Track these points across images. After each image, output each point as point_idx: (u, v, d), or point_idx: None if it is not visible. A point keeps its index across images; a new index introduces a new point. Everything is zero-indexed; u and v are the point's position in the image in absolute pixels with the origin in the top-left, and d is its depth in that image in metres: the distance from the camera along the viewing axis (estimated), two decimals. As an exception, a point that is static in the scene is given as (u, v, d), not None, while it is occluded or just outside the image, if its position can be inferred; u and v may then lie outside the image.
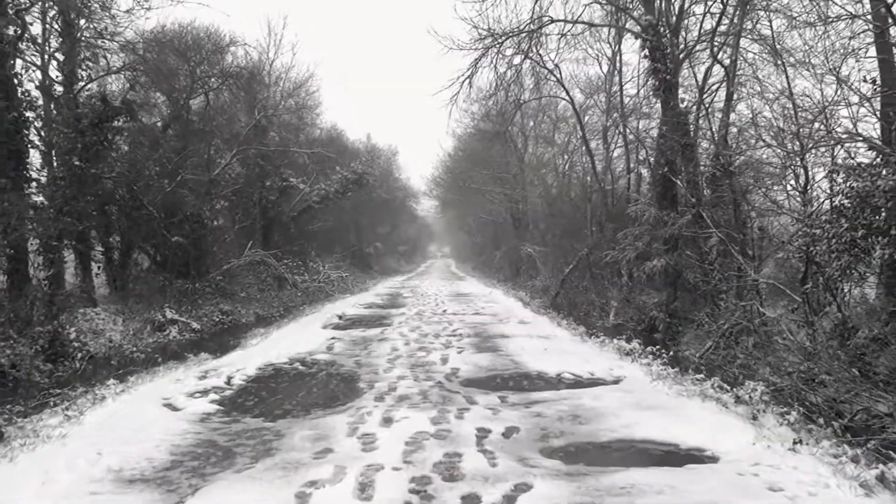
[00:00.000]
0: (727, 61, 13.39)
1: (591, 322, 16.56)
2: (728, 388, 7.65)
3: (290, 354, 11.08)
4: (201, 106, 21.62)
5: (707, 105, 14.05)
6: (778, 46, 11.30)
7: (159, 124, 19.78)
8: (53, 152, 13.73)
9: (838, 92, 9.47)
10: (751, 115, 11.67)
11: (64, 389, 8.85)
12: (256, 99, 25.09)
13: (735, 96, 13.81)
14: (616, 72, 21.45)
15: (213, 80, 20.84)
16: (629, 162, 21.55)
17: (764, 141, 10.82)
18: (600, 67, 24.17)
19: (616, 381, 8.78)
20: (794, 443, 5.76)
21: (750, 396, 7.03)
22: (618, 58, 21.27)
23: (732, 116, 13.36)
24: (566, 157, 33.33)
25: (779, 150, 11.05)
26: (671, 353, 11.03)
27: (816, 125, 9.96)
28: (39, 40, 14.24)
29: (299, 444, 5.85)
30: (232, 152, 22.16)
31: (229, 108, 23.94)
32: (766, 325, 11.26)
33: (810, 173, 10.48)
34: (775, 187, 11.91)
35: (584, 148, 30.61)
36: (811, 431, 6.35)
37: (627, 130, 21.12)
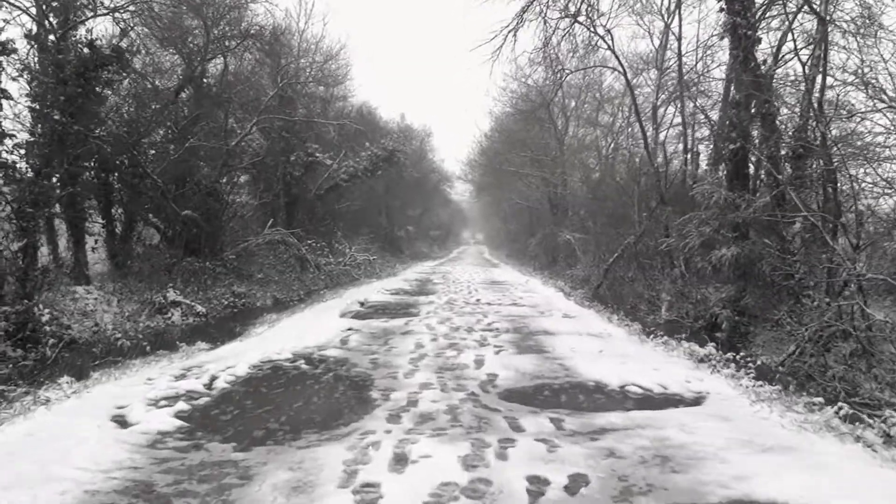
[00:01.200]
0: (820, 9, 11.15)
1: (639, 317, 14.59)
2: (867, 420, 5.65)
3: (295, 348, 9.30)
4: (221, 70, 19.98)
5: (805, 64, 11.75)
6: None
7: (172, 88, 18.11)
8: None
9: None
10: (857, 76, 9.48)
11: (11, 385, 7.21)
12: (280, 65, 23.30)
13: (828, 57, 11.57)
14: (675, 38, 19.15)
15: (231, 41, 19.08)
16: (686, 140, 19.36)
17: (886, 98, 8.66)
18: (651, 41, 22.03)
19: (698, 400, 6.83)
20: None
21: (912, 439, 5.05)
22: (676, 17, 18.91)
23: (827, 79, 11.15)
24: (610, 139, 31.28)
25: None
26: (757, 360, 9.02)
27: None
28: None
29: (268, 498, 4.03)
30: (252, 121, 20.39)
31: (252, 75, 22.23)
32: (871, 330, 9.24)
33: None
34: (886, 163, 9.78)
35: (629, 129, 28.63)
36: None
37: (687, 102, 18.87)
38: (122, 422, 5.67)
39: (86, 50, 11.09)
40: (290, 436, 5.36)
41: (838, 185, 10.32)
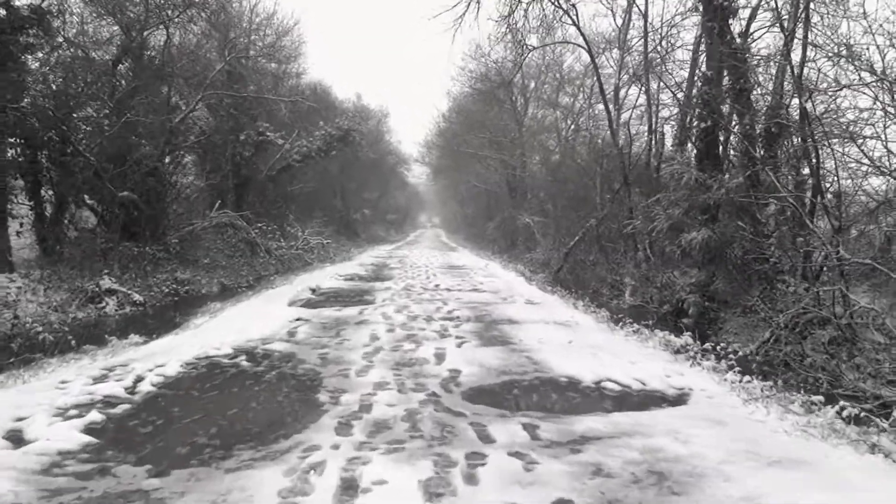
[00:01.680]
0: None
1: (603, 302, 14.03)
2: (881, 424, 5.01)
3: (237, 342, 8.43)
4: (164, 42, 18.72)
5: (787, 35, 11.11)
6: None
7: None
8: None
9: None
10: (843, 45, 8.89)
11: None
12: (229, 39, 22.06)
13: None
14: (640, 14, 18.50)
15: (174, 11, 17.83)
16: (651, 120, 18.79)
17: (875, 71, 8.09)
18: (614, 19, 21.38)
19: (682, 398, 6.19)
20: None
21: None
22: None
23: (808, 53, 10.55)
24: (570, 120, 30.69)
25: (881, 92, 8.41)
26: (738, 351, 8.45)
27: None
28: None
29: (178, 549, 3.23)
30: (198, 96, 19.18)
31: (198, 49, 20.98)
32: (853, 317, 8.78)
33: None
34: (869, 142, 9.21)
35: (590, 110, 28.11)
36: None
37: (652, 82, 18.29)
38: (17, 439, 4.76)
39: (1, 11, 9.95)
40: (219, 453, 4.53)
41: (820, 164, 9.78)
